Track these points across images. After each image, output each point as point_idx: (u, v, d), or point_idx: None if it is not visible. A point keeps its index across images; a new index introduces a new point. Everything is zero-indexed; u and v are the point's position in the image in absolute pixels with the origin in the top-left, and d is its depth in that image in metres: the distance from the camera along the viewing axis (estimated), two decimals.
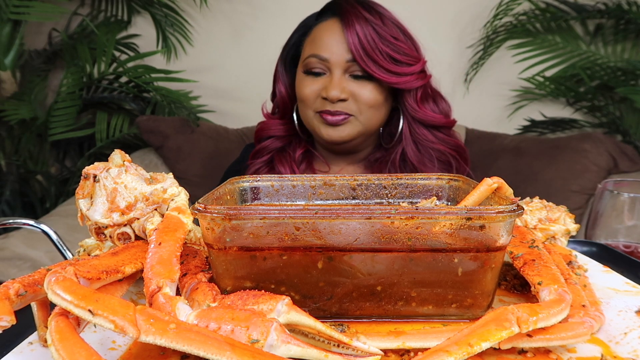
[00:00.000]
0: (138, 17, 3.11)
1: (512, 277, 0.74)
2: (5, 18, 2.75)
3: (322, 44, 1.43)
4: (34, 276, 0.56)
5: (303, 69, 1.46)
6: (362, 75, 1.40)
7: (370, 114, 1.44)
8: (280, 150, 1.58)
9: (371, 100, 1.41)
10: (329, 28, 1.44)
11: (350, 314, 0.62)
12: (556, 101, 3.02)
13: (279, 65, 1.58)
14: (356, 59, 1.37)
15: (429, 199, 0.80)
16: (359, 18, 1.38)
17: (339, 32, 1.40)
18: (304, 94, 1.45)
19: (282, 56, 1.58)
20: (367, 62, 1.37)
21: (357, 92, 1.41)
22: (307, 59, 1.44)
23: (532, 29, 2.95)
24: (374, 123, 1.47)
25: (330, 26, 1.44)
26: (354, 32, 1.37)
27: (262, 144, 1.59)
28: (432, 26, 2.86)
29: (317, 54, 1.42)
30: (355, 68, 1.40)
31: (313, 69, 1.43)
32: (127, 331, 0.46)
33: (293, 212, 0.58)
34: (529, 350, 0.55)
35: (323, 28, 1.45)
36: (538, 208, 0.79)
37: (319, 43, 1.43)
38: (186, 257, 0.65)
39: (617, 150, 2.51)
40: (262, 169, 1.56)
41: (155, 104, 2.97)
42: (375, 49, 1.37)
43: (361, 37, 1.37)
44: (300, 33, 1.54)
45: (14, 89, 2.93)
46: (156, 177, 0.68)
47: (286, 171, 1.52)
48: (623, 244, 1.05)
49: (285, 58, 1.57)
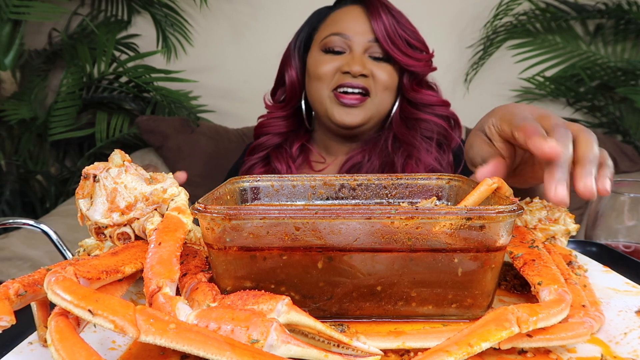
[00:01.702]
0: (138, 17, 3.11)
1: (512, 277, 0.74)
2: (5, 18, 2.75)
3: (344, 24, 1.51)
4: (34, 276, 0.56)
5: (322, 48, 1.52)
6: (381, 58, 1.49)
7: (384, 96, 1.52)
8: (276, 147, 1.61)
9: (387, 81, 1.50)
10: (350, 12, 1.53)
11: (350, 314, 0.62)
12: (556, 101, 3.02)
13: (291, 50, 1.62)
14: (379, 39, 1.47)
15: (429, 199, 0.80)
16: (382, 6, 1.49)
17: (362, 16, 1.50)
18: (322, 71, 1.51)
19: (294, 41, 1.63)
20: (389, 43, 1.47)
21: (376, 72, 1.49)
22: (327, 37, 1.51)
23: (532, 29, 2.95)
24: (384, 106, 1.54)
25: (351, 10, 1.53)
26: (378, 16, 1.47)
27: (260, 140, 1.63)
28: (432, 26, 2.86)
29: (340, 32, 1.50)
30: (375, 49, 1.49)
31: (334, 47, 1.50)
32: (127, 331, 0.46)
33: (293, 212, 0.58)
34: (529, 350, 0.55)
35: (344, 12, 1.54)
36: (538, 208, 0.79)
37: (340, 23, 1.52)
38: (186, 257, 0.65)
39: (617, 150, 2.51)
40: (257, 164, 1.60)
41: (155, 104, 2.97)
42: (395, 33, 1.48)
43: (385, 22, 1.47)
44: (315, 20, 1.61)
45: (14, 89, 2.93)
46: (156, 177, 0.68)
47: (282, 167, 1.57)
48: (623, 244, 1.05)
49: (297, 43, 1.62)
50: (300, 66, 1.61)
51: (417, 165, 1.48)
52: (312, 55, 1.55)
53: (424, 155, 1.50)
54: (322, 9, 1.63)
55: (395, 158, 1.50)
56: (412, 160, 1.49)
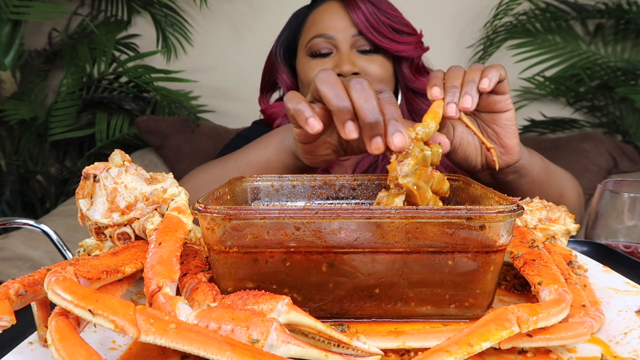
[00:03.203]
0: (138, 17, 3.11)
1: (512, 277, 0.74)
2: (5, 18, 2.75)
3: (324, 24, 1.45)
4: (34, 276, 0.56)
5: (308, 52, 1.47)
6: (369, 50, 1.45)
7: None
8: None
9: (380, 73, 1.46)
10: (328, 9, 1.47)
11: (351, 314, 0.62)
12: (556, 101, 3.02)
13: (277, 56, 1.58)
14: (363, 31, 1.42)
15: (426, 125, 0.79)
16: None
17: (341, 11, 1.44)
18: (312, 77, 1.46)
19: (277, 48, 1.58)
20: (373, 33, 1.42)
21: (366, 67, 1.44)
22: (311, 41, 1.46)
23: (532, 29, 2.95)
24: None
25: (329, 7, 1.47)
26: (357, 8, 1.42)
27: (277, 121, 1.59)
28: (432, 26, 2.85)
29: (322, 33, 1.44)
30: (361, 42, 1.44)
31: (320, 50, 1.45)
32: (127, 331, 0.46)
33: (293, 212, 0.58)
34: (529, 350, 0.55)
35: (322, 10, 1.48)
36: (538, 208, 0.79)
37: (321, 24, 1.46)
38: (186, 257, 0.65)
39: (617, 150, 2.51)
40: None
41: (155, 104, 2.97)
42: (378, 21, 1.43)
43: (364, 12, 1.42)
44: (295, 23, 1.56)
45: (14, 89, 2.93)
46: (156, 177, 0.68)
47: None
48: (623, 244, 1.05)
49: (279, 50, 1.57)
50: (289, 70, 1.57)
51: None
52: (300, 62, 1.51)
53: None
54: (300, 11, 1.58)
55: None
56: None
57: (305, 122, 0.77)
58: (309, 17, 1.51)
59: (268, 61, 1.60)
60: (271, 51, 1.60)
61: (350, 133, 0.74)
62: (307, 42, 1.46)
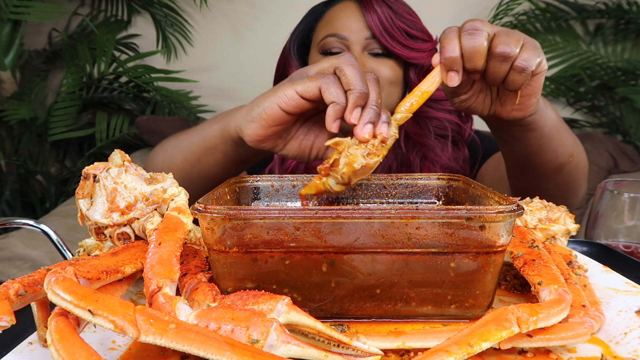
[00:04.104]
0: (138, 17, 3.11)
1: (512, 277, 0.74)
2: (5, 18, 2.75)
3: (339, 24, 1.45)
4: (34, 276, 0.56)
5: (320, 50, 1.47)
6: (381, 53, 1.44)
7: (390, 90, 1.47)
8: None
9: (391, 76, 1.45)
10: (344, 9, 1.47)
11: (351, 314, 0.62)
12: (556, 101, 3.02)
13: (287, 51, 1.58)
14: (376, 35, 1.41)
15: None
16: None
17: (357, 12, 1.44)
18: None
19: (291, 42, 1.58)
20: (386, 37, 1.41)
21: (377, 70, 1.44)
22: (324, 39, 1.46)
23: (532, 29, 2.95)
24: (392, 101, 1.50)
25: (345, 7, 1.47)
26: (372, 10, 1.41)
27: None
28: (432, 26, 2.85)
29: (335, 33, 1.44)
30: (373, 46, 1.43)
31: (331, 49, 1.45)
32: (127, 331, 0.46)
33: (293, 212, 0.58)
34: (529, 350, 0.55)
35: (338, 9, 1.49)
36: (538, 208, 0.79)
37: (335, 23, 1.46)
38: (186, 257, 0.65)
39: (617, 150, 2.51)
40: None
41: (155, 104, 2.97)
42: (392, 25, 1.42)
43: (380, 15, 1.41)
44: (311, 18, 1.56)
45: (14, 89, 2.93)
46: (156, 177, 0.68)
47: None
48: (623, 244, 1.05)
49: (293, 44, 1.58)
50: (301, 65, 1.56)
51: (434, 166, 1.46)
52: (312, 58, 1.52)
53: (439, 154, 1.47)
54: (317, 7, 1.58)
55: (411, 157, 1.48)
56: (427, 161, 1.47)
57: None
58: (325, 15, 1.52)
59: (282, 56, 1.61)
60: (285, 46, 1.60)
61: (355, 119, 0.77)
62: (320, 40, 1.47)
